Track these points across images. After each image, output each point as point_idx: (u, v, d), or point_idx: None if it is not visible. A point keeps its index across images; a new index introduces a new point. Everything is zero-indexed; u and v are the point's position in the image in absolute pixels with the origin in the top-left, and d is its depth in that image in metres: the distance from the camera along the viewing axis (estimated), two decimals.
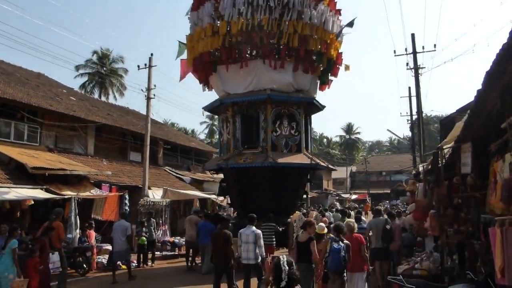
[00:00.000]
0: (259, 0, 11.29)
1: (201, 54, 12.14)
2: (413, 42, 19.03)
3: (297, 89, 12.34)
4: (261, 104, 11.98)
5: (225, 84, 12.49)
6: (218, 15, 11.98)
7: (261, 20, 11.20)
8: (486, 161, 5.01)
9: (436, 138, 45.10)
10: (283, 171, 11.61)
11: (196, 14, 12.46)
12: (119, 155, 20.45)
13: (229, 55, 11.99)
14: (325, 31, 11.95)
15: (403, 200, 30.55)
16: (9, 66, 20.04)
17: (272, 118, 11.88)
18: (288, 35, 11.34)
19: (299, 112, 12.32)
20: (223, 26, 11.55)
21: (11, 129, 14.71)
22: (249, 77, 12.01)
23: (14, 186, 11.63)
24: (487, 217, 4.71)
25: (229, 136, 12.35)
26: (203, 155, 28.74)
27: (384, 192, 52.54)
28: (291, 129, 12.13)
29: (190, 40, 12.64)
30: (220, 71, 12.40)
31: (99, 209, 13.97)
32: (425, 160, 15.72)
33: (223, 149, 13.08)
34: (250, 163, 11.40)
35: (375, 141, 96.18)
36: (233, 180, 12.35)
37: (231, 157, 11.87)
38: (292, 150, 12.06)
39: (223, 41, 11.57)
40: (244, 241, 7.78)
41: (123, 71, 40.97)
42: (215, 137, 65.07)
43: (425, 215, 7.68)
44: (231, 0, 11.48)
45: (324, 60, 12.39)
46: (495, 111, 3.99)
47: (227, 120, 12.65)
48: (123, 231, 10.29)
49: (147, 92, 17.61)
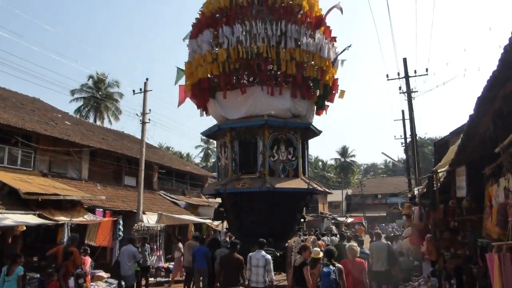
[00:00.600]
0: (257, 28, 11.52)
1: (200, 81, 12.30)
2: (405, 67, 19.30)
3: (294, 114, 12.47)
4: (258, 130, 12.04)
5: (223, 110, 12.58)
6: (216, 42, 12.18)
7: (259, 48, 11.41)
8: (481, 184, 5.02)
9: (430, 160, 45.27)
10: (280, 195, 11.62)
11: (195, 41, 12.65)
12: (113, 179, 20.32)
13: (228, 81, 12.12)
14: (321, 58, 12.15)
15: (399, 223, 30.43)
16: (5, 91, 20.06)
17: (269, 143, 12.01)
18: (285, 62, 11.54)
19: (296, 137, 12.39)
20: (221, 54, 11.69)
21: (5, 154, 14.62)
22: (247, 103, 12.12)
23: (6, 212, 11.48)
24: (484, 241, 4.69)
25: (227, 161, 12.46)
26: (198, 179, 28.62)
27: (380, 215, 52.31)
28: (288, 154, 12.22)
29: (189, 66, 12.78)
30: (219, 97, 12.52)
31: (92, 234, 13.77)
32: (420, 183, 15.71)
33: (221, 174, 13.08)
34: (248, 188, 11.45)
35: (370, 164, 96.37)
36: (231, 205, 12.33)
37: (229, 182, 11.88)
38: (289, 175, 12.14)
39: (222, 68, 11.73)
40: (254, 265, 7.91)
41: (118, 96, 41.22)
42: (210, 161, 65.04)
43: (422, 239, 7.65)
44: (229, 29, 11.70)
45: (321, 86, 12.57)
46: (488, 135, 4.02)
47: (225, 145, 12.69)
48: (130, 255, 10.46)
49: (142, 116, 17.64)
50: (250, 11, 11.98)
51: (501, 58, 2.84)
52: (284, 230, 11.98)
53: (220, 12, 12.38)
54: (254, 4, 12.03)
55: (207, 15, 12.52)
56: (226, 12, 12.28)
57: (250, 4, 11.98)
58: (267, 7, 12.06)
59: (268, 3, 12.00)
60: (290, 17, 12.05)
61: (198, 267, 10.51)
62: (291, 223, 12.55)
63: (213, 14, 12.47)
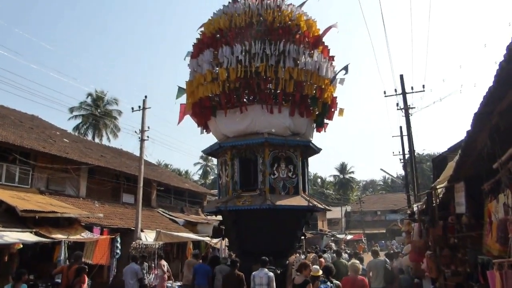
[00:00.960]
0: (256, 48, 11.68)
1: (201, 99, 12.45)
2: (402, 83, 19.43)
3: (294, 132, 12.57)
4: (259, 147, 12.13)
5: (224, 128, 12.71)
6: (217, 62, 12.29)
7: (258, 67, 11.55)
8: (480, 200, 5.00)
9: (429, 176, 45.21)
10: (281, 213, 11.64)
11: (195, 61, 12.77)
12: (111, 197, 20.23)
13: (228, 100, 12.24)
14: (320, 77, 12.25)
15: (399, 240, 30.20)
16: (3, 109, 20.11)
17: (269, 161, 12.03)
18: (284, 81, 11.70)
19: (296, 155, 12.47)
20: (222, 73, 11.84)
21: (3, 171, 14.58)
22: (247, 121, 12.25)
23: (3, 230, 11.39)
24: (484, 258, 4.65)
25: (228, 178, 12.45)
26: (197, 197, 28.50)
27: (379, 232, 52.02)
28: (289, 172, 12.29)
29: (189, 85, 12.90)
30: (219, 115, 12.66)
31: (89, 252, 13.63)
32: (419, 199, 15.68)
33: (222, 192, 13.13)
34: (248, 206, 11.50)
35: (369, 180, 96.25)
36: (231, 222, 12.33)
37: (230, 200, 11.93)
38: (289, 192, 12.18)
39: (222, 87, 11.87)
40: (257, 283, 8.12)
41: (117, 113, 41.32)
42: (209, 178, 64.95)
43: (422, 256, 7.58)
44: (229, 49, 11.85)
45: (319, 104, 12.68)
46: (485, 151, 4.02)
47: (225, 163, 12.75)
48: (133, 274, 10.65)
49: (140, 133, 17.66)
50: (249, 31, 12.16)
51: (497, 74, 2.87)
52: (285, 247, 11.95)
53: (220, 32, 12.64)
54: (253, 25, 12.25)
55: (207, 35, 12.73)
56: (225, 33, 12.53)
57: (249, 24, 12.22)
58: (266, 28, 12.29)
59: (266, 23, 12.24)
60: (289, 37, 12.28)
61: (198, 284, 10.42)
62: (292, 240, 12.51)
63: (213, 34, 12.68)
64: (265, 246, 11.00)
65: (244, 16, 12.19)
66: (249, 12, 12.24)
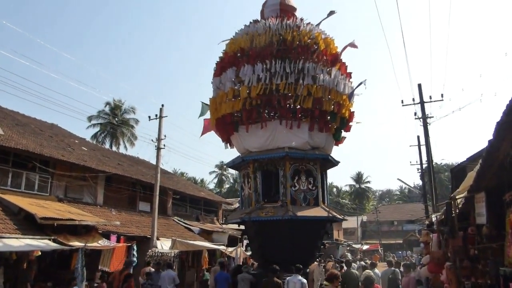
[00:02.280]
0: (276, 66, 12.23)
1: (224, 116, 13.14)
2: (420, 92, 19.21)
3: (314, 146, 13.14)
4: (280, 161, 12.76)
5: (246, 143, 13.40)
6: (239, 80, 12.87)
7: (279, 85, 12.12)
8: (501, 210, 4.90)
9: (447, 186, 44.55)
10: (302, 223, 12.20)
11: (218, 79, 13.48)
12: (128, 205, 20.40)
13: (250, 116, 12.87)
14: (338, 93, 12.81)
15: (416, 250, 29.75)
16: (24, 118, 20.53)
17: (290, 174, 12.66)
18: (303, 98, 12.24)
19: (315, 168, 13.06)
20: (243, 90, 12.43)
21: (23, 179, 14.85)
22: (268, 136, 12.86)
23: (22, 237, 11.55)
24: (507, 270, 4.55)
25: (250, 190, 13.14)
26: (212, 205, 28.56)
27: (396, 242, 51.28)
28: (309, 184, 12.89)
29: (213, 102, 13.57)
30: (241, 131, 13.29)
31: (106, 260, 13.73)
32: (437, 209, 15.43)
33: (245, 203, 13.77)
34: (271, 216, 12.15)
35: (385, 190, 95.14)
36: (254, 232, 13.03)
37: (253, 211, 12.60)
38: (310, 204, 12.75)
39: (243, 104, 12.47)
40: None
41: (134, 122, 41.80)
42: (224, 187, 65.04)
43: (441, 267, 7.45)
44: (250, 67, 12.46)
45: (338, 119, 13.21)
46: (508, 160, 3.95)
47: (248, 176, 13.42)
48: (171, 279, 11.56)
49: (157, 142, 17.81)
50: (269, 50, 12.67)
51: None
52: (305, 256, 12.36)
53: (241, 51, 13.22)
54: (273, 44, 12.69)
55: (229, 54, 13.39)
56: (247, 52, 13.05)
57: (269, 44, 12.68)
58: (286, 46, 12.76)
59: (286, 42, 12.70)
60: (307, 56, 12.81)
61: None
62: (312, 249, 13.02)
63: (235, 53, 13.32)
64: (287, 255, 11.54)
65: (264, 36, 12.75)
66: (270, 32, 12.80)
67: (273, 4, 14.19)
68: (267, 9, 14.29)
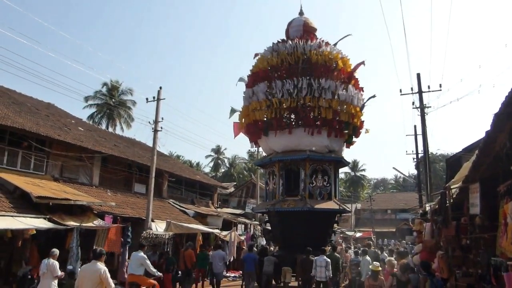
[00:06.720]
0: (302, 83, 14.83)
1: (255, 121, 15.73)
2: (418, 82, 19.14)
3: (330, 150, 15.77)
4: (301, 162, 15.47)
5: (273, 145, 16.10)
6: (270, 92, 15.27)
7: (305, 98, 14.79)
8: (494, 201, 4.95)
9: (442, 176, 44.75)
10: (317, 214, 14.89)
11: (251, 90, 15.97)
12: (123, 186, 20.42)
13: (280, 124, 15.53)
14: (352, 106, 15.35)
15: (409, 239, 29.99)
16: (21, 96, 20.37)
17: (309, 173, 15.43)
18: (324, 110, 14.84)
19: (330, 168, 15.92)
20: (275, 102, 15.04)
21: (19, 158, 14.81)
22: (293, 140, 15.42)
23: (17, 215, 11.57)
24: (497, 260, 4.61)
25: (275, 185, 16.06)
26: (208, 189, 28.63)
27: (389, 230, 51.68)
28: (324, 181, 15.66)
29: (245, 109, 16.15)
30: (271, 135, 15.78)
31: (101, 240, 13.75)
32: (432, 199, 15.55)
33: (269, 196, 16.77)
34: (292, 208, 14.91)
35: (380, 179, 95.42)
36: (277, 221, 15.73)
37: (276, 203, 15.38)
38: (324, 198, 15.52)
39: (275, 113, 15.12)
40: (318, 265, 11.35)
41: (131, 103, 41.50)
42: (220, 171, 65.05)
43: (433, 256, 7.54)
44: (280, 82, 15.12)
45: (350, 127, 15.81)
46: (504, 152, 3.97)
47: (273, 173, 16.32)
48: (221, 258, 13.84)
49: (154, 124, 17.76)
50: (296, 68, 15.42)
51: None
52: (319, 241, 14.50)
53: (272, 68, 15.92)
54: (300, 62, 15.45)
55: (262, 69, 16.00)
56: (277, 68, 15.88)
57: (296, 62, 15.43)
58: (310, 65, 15.43)
59: (310, 61, 15.35)
60: (328, 74, 15.51)
61: (248, 270, 12.70)
62: (325, 236, 15.71)
63: (267, 70, 15.98)
64: (304, 240, 13.45)
65: (293, 56, 15.40)
66: (297, 52, 15.41)
67: (298, 25, 16.97)
68: (292, 29, 17.00)
